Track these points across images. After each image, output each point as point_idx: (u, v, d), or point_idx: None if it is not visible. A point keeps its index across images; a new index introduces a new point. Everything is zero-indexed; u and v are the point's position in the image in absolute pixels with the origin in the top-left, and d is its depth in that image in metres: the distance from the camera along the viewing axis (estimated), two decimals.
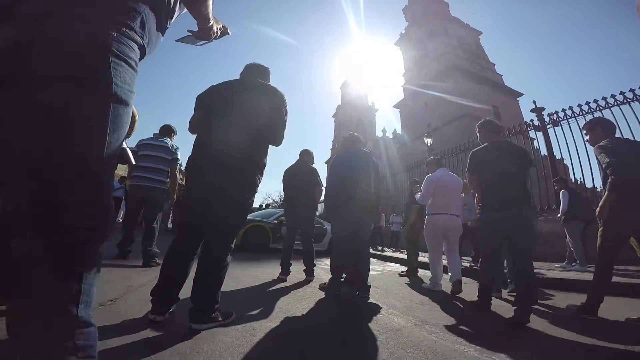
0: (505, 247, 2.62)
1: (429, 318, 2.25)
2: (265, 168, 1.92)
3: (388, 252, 8.95)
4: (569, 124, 7.17)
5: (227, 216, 1.75)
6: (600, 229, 2.43)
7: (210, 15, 1.05)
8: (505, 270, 3.26)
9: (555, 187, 5.97)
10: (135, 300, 2.06)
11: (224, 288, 1.78)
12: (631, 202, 2.23)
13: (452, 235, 3.67)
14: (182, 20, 1.09)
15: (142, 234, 3.63)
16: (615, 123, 6.11)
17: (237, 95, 1.89)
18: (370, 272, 4.88)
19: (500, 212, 2.46)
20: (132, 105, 0.79)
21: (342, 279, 3.54)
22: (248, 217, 8.04)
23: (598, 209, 2.38)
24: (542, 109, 7.89)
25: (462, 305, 2.83)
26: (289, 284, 3.33)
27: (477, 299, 2.64)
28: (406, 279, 4.31)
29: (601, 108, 6.67)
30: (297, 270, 3.85)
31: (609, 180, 2.27)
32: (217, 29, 1.14)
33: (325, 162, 51.80)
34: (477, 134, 2.86)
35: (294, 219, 3.87)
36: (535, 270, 2.50)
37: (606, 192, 2.30)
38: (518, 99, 32.34)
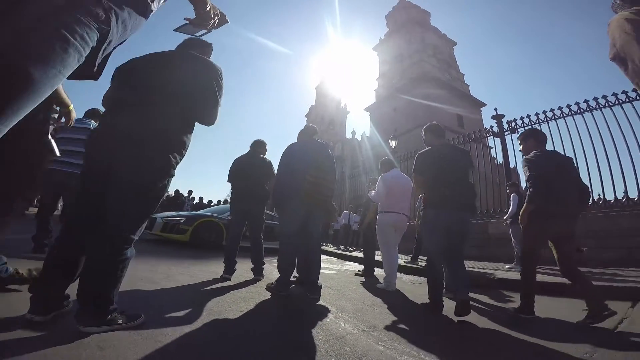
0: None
1: (378, 323, 2.07)
2: (187, 148, 1.59)
3: (347, 252, 8.84)
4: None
5: (120, 201, 1.41)
6: (522, 234, 2.73)
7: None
8: None
9: (507, 191, 6.13)
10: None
11: (149, 287, 1.48)
12: (545, 213, 2.47)
13: (398, 233, 3.79)
14: (181, 9, 1.06)
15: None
16: (571, 131, 6.19)
17: (157, 66, 1.60)
18: (327, 272, 4.82)
19: (444, 210, 2.52)
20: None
21: (295, 279, 3.33)
22: (200, 212, 7.91)
23: (520, 216, 2.63)
24: (502, 116, 8.13)
25: (414, 308, 2.70)
26: (232, 284, 3.03)
27: (429, 300, 2.54)
28: (362, 279, 4.16)
29: (556, 117, 6.92)
30: (245, 269, 3.55)
31: (528, 192, 2.54)
32: (213, 15, 1.08)
33: None
34: (423, 137, 2.95)
35: (241, 213, 3.56)
36: (485, 270, 2.72)
37: (525, 203, 2.56)
38: (481, 109, 33.90)
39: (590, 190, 3.56)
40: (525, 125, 7.52)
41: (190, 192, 13.66)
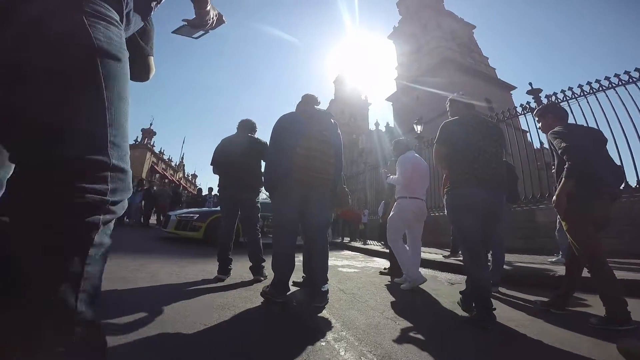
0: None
1: (397, 349, 1.50)
2: None
3: (375, 246, 8.25)
4: (569, 106, 6.53)
5: None
6: (563, 223, 2.20)
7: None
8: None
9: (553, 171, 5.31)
10: None
11: (121, 286, 1.14)
12: (588, 190, 2.06)
13: (420, 223, 3.36)
14: (178, 12, 1.09)
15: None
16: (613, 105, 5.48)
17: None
18: (347, 270, 4.26)
19: (474, 187, 2.10)
20: (126, 60, 0.77)
21: (301, 280, 2.87)
22: (216, 208, 7.38)
23: (554, 197, 2.16)
24: (540, 90, 7.23)
25: (452, 320, 2.11)
26: (222, 285, 2.64)
27: (475, 308, 2.00)
28: (387, 279, 3.60)
29: (604, 88, 6.06)
30: (247, 269, 3.12)
31: (566, 165, 2.07)
32: (213, 15, 1.07)
33: None
34: (448, 110, 2.58)
35: (230, 201, 3.11)
36: (538, 266, 2.35)
37: (562, 178, 2.10)
38: (511, 92, 31.91)
39: (623, 170, 3.04)
40: (568, 99, 6.63)
41: (210, 189, 13.59)
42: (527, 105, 7.16)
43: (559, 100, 6.76)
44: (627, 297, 1.87)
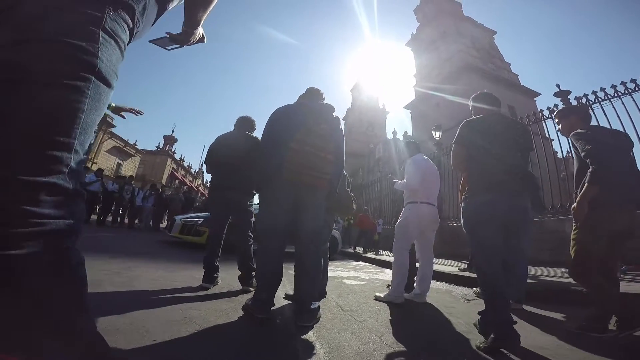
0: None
1: None
2: None
3: (388, 257, 7.82)
4: (602, 108, 6.01)
5: None
6: (574, 231, 2.07)
7: (202, 22, 1.02)
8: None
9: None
10: None
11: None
12: (613, 198, 1.90)
13: (431, 231, 3.08)
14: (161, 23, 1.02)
15: None
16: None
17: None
18: (352, 282, 3.89)
19: (496, 194, 1.85)
20: (113, 88, 0.75)
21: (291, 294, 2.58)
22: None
23: (575, 204, 2.01)
24: (569, 92, 6.71)
25: (465, 346, 1.76)
26: (205, 294, 2.42)
27: (492, 330, 1.67)
28: None
29: None
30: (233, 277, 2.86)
31: (589, 170, 1.92)
32: (198, 34, 1.07)
33: None
34: (471, 109, 2.33)
35: (221, 203, 2.85)
36: (565, 280, 2.24)
37: (585, 184, 1.94)
38: (535, 98, 30.72)
39: None
40: (600, 100, 6.10)
41: None
42: (554, 109, 6.61)
43: (590, 103, 6.22)
44: None
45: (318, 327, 1.85)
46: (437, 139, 10.56)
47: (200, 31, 1.07)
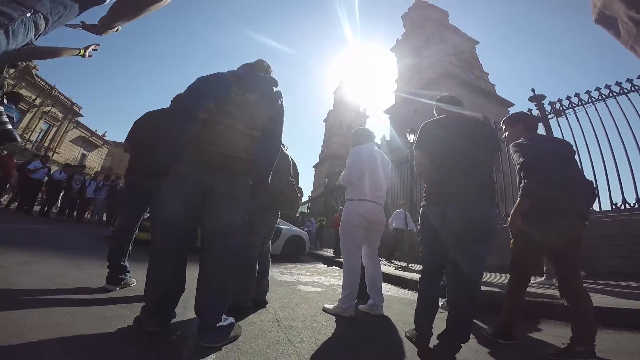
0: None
1: None
2: None
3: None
4: (575, 114, 5.96)
5: None
6: (511, 242, 2.10)
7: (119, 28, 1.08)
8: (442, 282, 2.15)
9: None
10: None
11: None
12: (546, 211, 1.90)
13: (376, 234, 2.69)
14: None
15: None
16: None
17: None
18: (310, 289, 3.52)
19: (448, 205, 1.75)
20: None
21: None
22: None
23: (509, 218, 2.03)
24: (543, 97, 6.61)
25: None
26: (99, 297, 1.97)
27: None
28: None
29: (615, 94, 5.51)
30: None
31: (521, 185, 1.97)
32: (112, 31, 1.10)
33: (313, 167, 50.88)
34: (435, 112, 2.28)
35: (137, 190, 2.35)
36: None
37: (518, 199, 1.98)
38: (509, 108, 31.67)
39: (595, 186, 2.65)
40: (574, 105, 6.03)
41: None
42: (528, 113, 6.52)
43: (564, 108, 6.17)
44: None
45: (229, 349, 1.39)
46: (411, 141, 10.39)
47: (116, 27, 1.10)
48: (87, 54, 1.59)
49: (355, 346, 1.78)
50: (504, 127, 2.40)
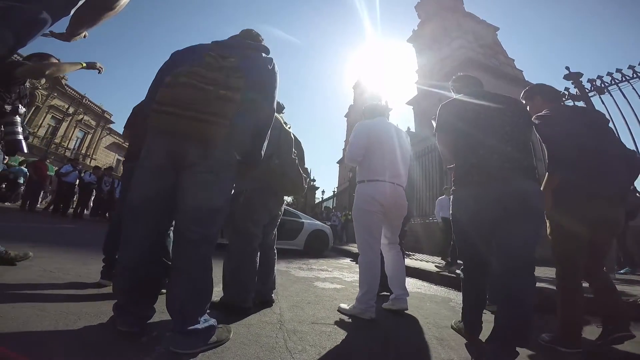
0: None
1: None
2: None
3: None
4: (620, 90, 5.36)
5: None
6: (548, 229, 1.86)
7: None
8: None
9: None
10: None
11: None
12: (578, 188, 1.69)
13: (396, 219, 2.39)
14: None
15: None
16: None
17: None
18: (328, 286, 3.27)
19: (483, 187, 1.58)
20: None
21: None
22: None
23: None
24: (580, 74, 5.99)
25: None
26: (90, 293, 1.90)
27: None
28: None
29: None
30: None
31: (547, 159, 1.81)
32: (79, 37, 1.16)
33: (337, 162, 50.66)
34: (452, 91, 2.11)
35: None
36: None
37: (546, 175, 1.80)
38: None
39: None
40: (617, 82, 5.43)
41: None
42: (565, 92, 5.93)
43: (606, 85, 5.58)
44: None
45: (207, 358, 1.22)
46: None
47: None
48: (99, 68, 2.09)
49: (369, 358, 1.53)
50: (524, 102, 2.21)
